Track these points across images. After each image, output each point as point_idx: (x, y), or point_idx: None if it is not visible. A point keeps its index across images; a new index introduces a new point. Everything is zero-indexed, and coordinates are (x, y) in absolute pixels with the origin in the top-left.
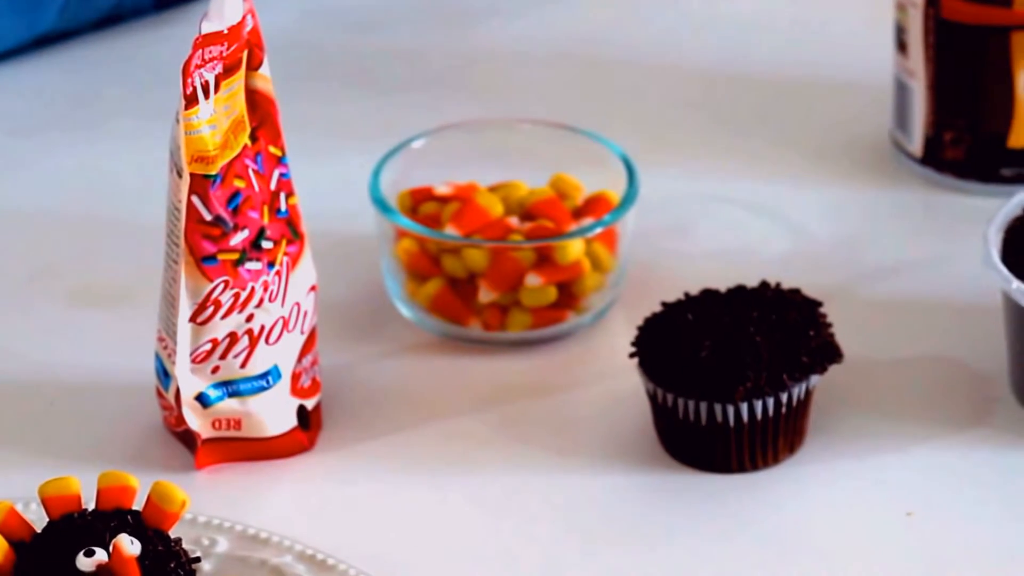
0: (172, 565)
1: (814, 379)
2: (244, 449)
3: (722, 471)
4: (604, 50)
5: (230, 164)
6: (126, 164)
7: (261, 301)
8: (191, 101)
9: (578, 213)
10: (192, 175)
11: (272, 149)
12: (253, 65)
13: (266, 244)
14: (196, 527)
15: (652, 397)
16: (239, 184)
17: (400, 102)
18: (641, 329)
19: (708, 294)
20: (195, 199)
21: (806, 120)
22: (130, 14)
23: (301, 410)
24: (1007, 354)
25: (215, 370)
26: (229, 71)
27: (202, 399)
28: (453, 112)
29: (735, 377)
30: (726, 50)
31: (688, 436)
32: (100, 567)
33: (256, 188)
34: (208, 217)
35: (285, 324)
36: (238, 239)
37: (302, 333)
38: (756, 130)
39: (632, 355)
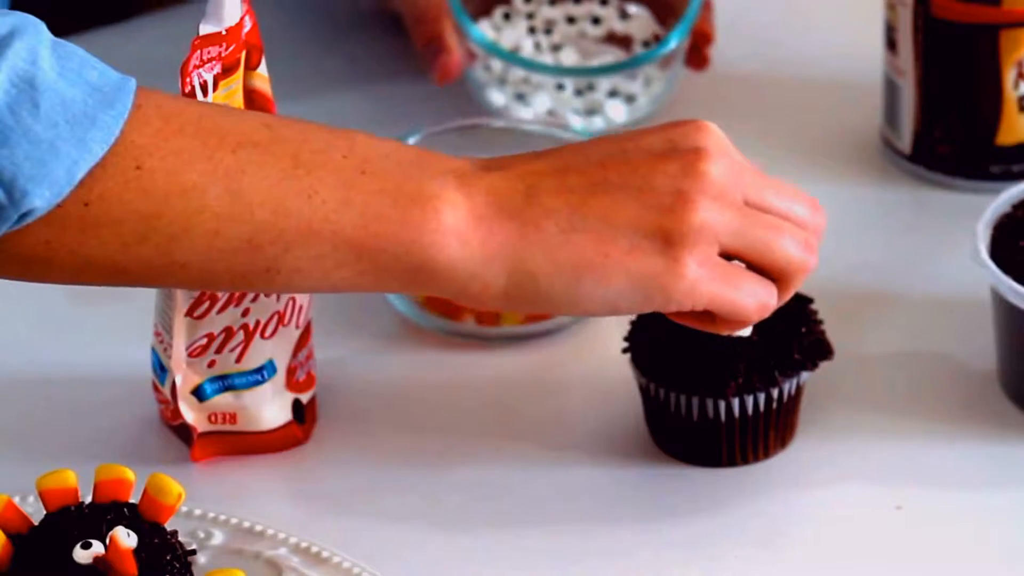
0: (168, 557)
1: (805, 375)
2: (240, 443)
3: (713, 465)
4: None
5: None
6: None
7: (256, 296)
8: None
9: None
10: None
11: None
12: (251, 65)
13: None
14: (192, 520)
15: (644, 392)
16: None
17: (395, 101)
18: (633, 324)
19: None
20: None
21: (796, 117)
22: None
23: (296, 404)
24: (996, 349)
25: (211, 364)
26: (228, 71)
27: (198, 393)
28: (448, 111)
29: (727, 373)
30: (716, 49)
31: (680, 430)
32: (97, 559)
33: None
34: None
35: (281, 319)
36: None
37: (297, 328)
38: (746, 127)
39: (624, 350)
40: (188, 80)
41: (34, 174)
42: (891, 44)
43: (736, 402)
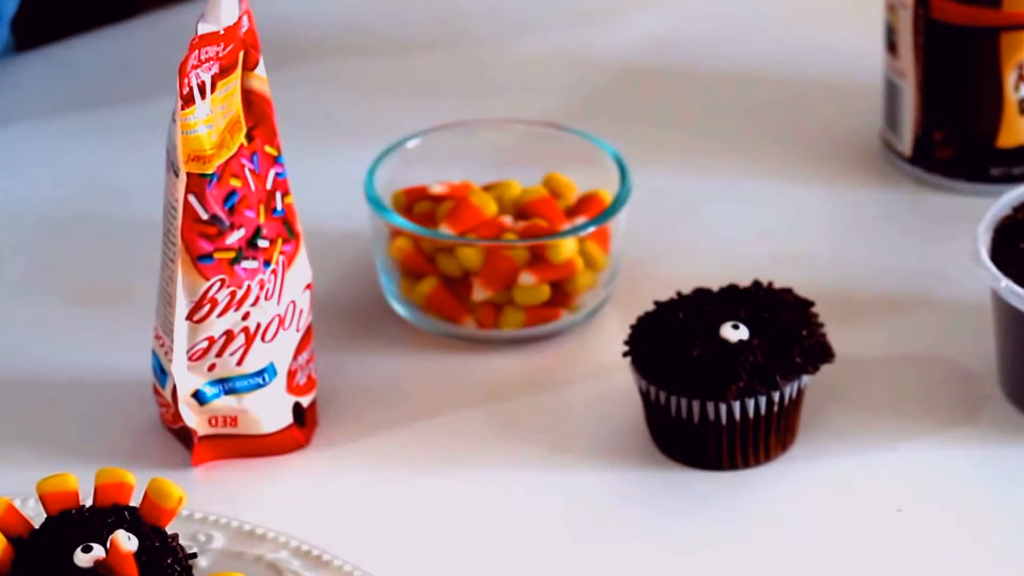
0: (169, 561)
1: (806, 378)
2: (240, 446)
3: (714, 468)
4: (596, 51)
5: (226, 163)
6: (123, 162)
7: (257, 299)
8: (188, 101)
9: (571, 212)
10: (188, 174)
11: (268, 149)
12: (249, 65)
13: (262, 243)
14: (192, 523)
15: (645, 395)
16: (235, 183)
17: (395, 102)
18: (634, 327)
19: (700, 293)
20: (191, 198)
21: (797, 120)
22: None
23: (297, 407)
24: (996, 352)
25: (211, 368)
26: (225, 71)
27: (199, 396)
28: (447, 112)
29: (727, 376)
30: (717, 50)
31: (680, 433)
32: (98, 563)
33: (252, 187)
34: (204, 216)
35: (281, 322)
36: (234, 238)
37: (298, 331)
38: (747, 130)
39: (625, 353)
40: (186, 80)
41: None
42: (891, 46)
43: (737, 405)
